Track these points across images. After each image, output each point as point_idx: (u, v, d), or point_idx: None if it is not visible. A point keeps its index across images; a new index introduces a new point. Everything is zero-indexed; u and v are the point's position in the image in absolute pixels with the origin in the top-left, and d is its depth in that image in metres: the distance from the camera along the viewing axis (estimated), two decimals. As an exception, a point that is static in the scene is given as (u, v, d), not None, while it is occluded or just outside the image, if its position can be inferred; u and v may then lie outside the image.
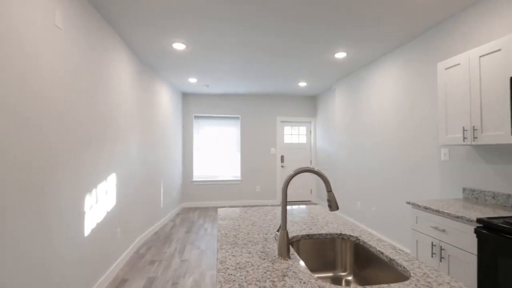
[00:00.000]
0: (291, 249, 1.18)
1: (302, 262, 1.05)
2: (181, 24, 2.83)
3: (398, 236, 3.44)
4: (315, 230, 1.45)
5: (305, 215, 1.79)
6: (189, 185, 6.27)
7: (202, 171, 6.42)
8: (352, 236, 1.37)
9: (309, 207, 2.02)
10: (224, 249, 1.19)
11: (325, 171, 5.96)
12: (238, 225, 1.56)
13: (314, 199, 6.66)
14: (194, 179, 6.30)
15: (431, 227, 2.08)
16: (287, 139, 6.67)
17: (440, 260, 1.99)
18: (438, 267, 2.01)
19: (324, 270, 1.38)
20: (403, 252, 1.16)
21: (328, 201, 1.16)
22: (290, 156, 6.66)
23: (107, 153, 2.73)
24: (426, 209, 2.13)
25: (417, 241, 2.23)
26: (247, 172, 6.46)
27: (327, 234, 1.41)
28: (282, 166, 6.60)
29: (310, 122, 6.74)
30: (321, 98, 6.29)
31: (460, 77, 2.19)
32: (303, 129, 6.75)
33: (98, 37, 2.57)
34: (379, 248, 1.19)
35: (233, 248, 1.20)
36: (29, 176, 1.63)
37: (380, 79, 3.85)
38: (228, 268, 1.00)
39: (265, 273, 0.96)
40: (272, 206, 2.04)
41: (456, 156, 2.58)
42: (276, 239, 1.30)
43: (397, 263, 1.06)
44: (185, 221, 5.01)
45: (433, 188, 2.89)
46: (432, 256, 2.07)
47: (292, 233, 1.40)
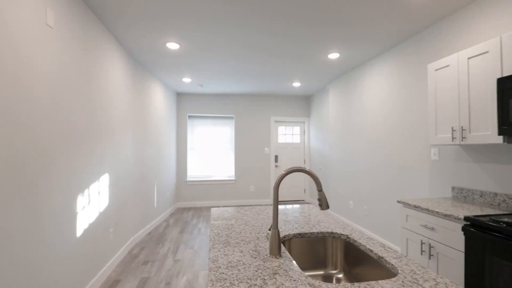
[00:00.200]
0: (283, 248, 1.20)
1: (293, 261, 1.07)
2: (175, 24, 2.83)
3: (390, 235, 3.49)
4: (307, 229, 1.47)
5: (298, 214, 1.81)
6: (183, 185, 6.25)
7: (196, 171, 6.40)
8: (343, 235, 1.40)
9: (302, 207, 2.04)
10: (216, 248, 1.20)
11: (319, 171, 6.00)
12: (231, 225, 1.57)
13: (308, 199, 6.70)
14: (188, 179, 6.28)
15: (421, 225, 2.12)
16: (281, 139, 6.70)
17: (429, 258, 2.03)
18: (427, 265, 2.06)
19: (315, 268, 1.40)
20: (392, 250, 1.18)
21: (319, 200, 1.18)
22: (284, 156, 6.69)
23: (100, 153, 2.71)
24: (416, 208, 2.17)
25: (407, 239, 2.27)
26: (241, 172, 6.47)
27: (319, 233, 1.43)
28: (276, 166, 6.63)
29: (304, 122, 6.77)
30: (315, 99, 6.33)
31: (450, 78, 2.24)
32: (297, 129, 6.79)
33: (91, 37, 2.55)
34: (369, 246, 1.22)
35: (225, 247, 1.21)
36: (21, 176, 1.62)
37: (373, 80, 3.90)
38: (220, 267, 1.01)
39: (256, 272, 0.98)
40: (266, 206, 2.05)
41: (446, 156, 2.63)
42: (268, 238, 1.32)
43: (386, 261, 1.08)
44: (179, 221, 5.00)
45: (423, 187, 2.94)
46: (422, 254, 2.11)
47: (284, 232, 1.42)
